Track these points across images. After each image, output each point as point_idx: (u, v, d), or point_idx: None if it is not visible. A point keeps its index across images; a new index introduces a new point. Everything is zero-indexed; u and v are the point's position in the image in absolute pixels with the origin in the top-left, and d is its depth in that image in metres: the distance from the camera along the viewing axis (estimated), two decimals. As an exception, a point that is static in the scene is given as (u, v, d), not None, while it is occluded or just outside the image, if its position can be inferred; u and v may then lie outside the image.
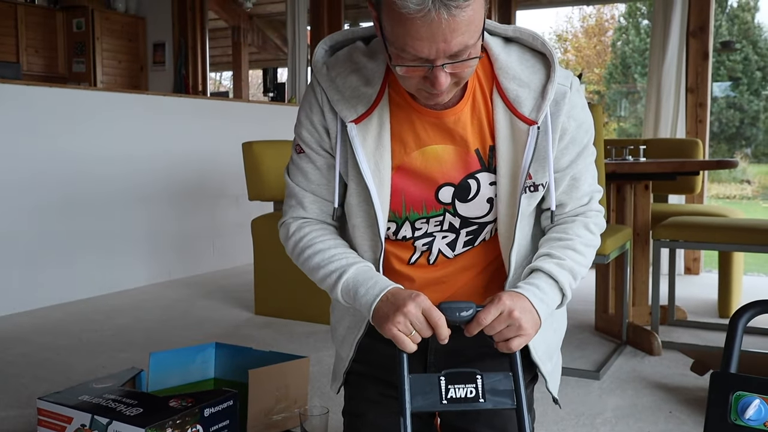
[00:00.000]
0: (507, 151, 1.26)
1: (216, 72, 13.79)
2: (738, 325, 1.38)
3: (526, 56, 1.28)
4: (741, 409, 1.28)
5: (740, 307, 1.40)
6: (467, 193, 1.29)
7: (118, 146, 4.34)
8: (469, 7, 1.05)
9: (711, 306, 3.75)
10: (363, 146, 1.27)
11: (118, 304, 3.95)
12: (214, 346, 2.37)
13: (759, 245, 2.82)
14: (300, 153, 1.36)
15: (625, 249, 2.94)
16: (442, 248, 1.34)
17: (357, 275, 1.27)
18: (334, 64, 1.31)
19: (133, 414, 1.73)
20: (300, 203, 1.37)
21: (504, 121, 1.26)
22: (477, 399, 1.13)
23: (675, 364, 2.77)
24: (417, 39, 1.07)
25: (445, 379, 1.14)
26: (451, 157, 1.28)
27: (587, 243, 1.32)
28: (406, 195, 1.30)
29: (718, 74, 15.32)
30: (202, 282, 4.57)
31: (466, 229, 1.32)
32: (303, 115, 1.35)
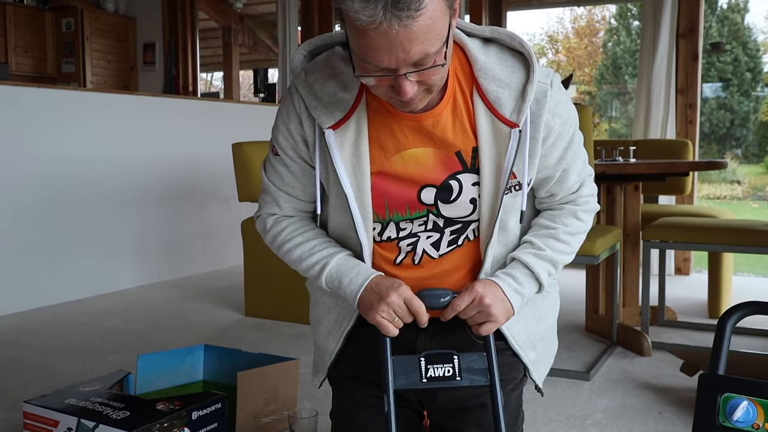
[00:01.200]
0: (490, 153, 1.26)
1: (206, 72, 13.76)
2: (726, 327, 1.38)
3: (505, 56, 1.27)
4: (729, 410, 1.28)
5: (728, 309, 1.40)
6: (449, 194, 1.29)
7: (107, 147, 4.32)
8: (422, 15, 1.04)
9: (701, 306, 3.76)
10: (340, 152, 1.27)
11: (107, 306, 3.92)
12: (202, 348, 2.36)
13: (748, 246, 2.83)
14: (276, 155, 1.37)
15: (615, 250, 2.94)
16: (427, 248, 1.35)
17: (339, 265, 1.32)
18: (313, 70, 1.30)
19: (119, 417, 1.72)
20: (275, 201, 1.40)
21: (486, 122, 1.26)
22: (454, 377, 1.23)
23: (665, 364, 2.77)
24: (375, 50, 1.07)
25: (425, 359, 1.24)
26: (432, 159, 1.28)
27: (572, 231, 1.35)
28: (389, 198, 1.31)
29: (709, 75, 15.40)
30: (191, 284, 4.55)
31: (449, 228, 1.33)
32: (280, 120, 1.35)
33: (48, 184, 3.99)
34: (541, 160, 1.29)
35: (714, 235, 2.91)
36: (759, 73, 16.05)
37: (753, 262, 6.02)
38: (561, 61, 18.59)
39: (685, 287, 4.28)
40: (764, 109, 16.25)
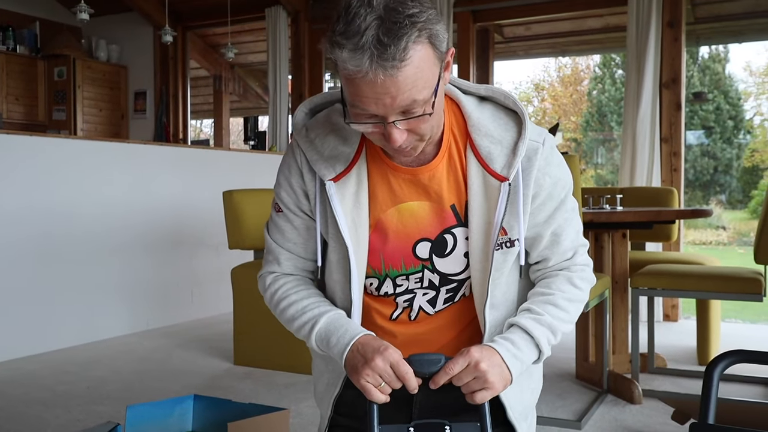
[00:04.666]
0: (479, 207, 1.28)
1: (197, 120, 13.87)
2: (713, 375, 1.40)
3: (499, 114, 1.31)
4: (721, 460, 1.29)
5: (715, 358, 1.41)
6: (444, 248, 1.30)
7: (97, 194, 4.33)
8: (407, 66, 1.08)
9: (690, 353, 3.77)
10: (341, 204, 1.29)
11: (95, 355, 3.88)
12: (192, 399, 2.33)
13: (735, 293, 2.86)
14: (279, 212, 1.40)
15: (604, 297, 2.96)
16: (423, 305, 1.35)
17: (329, 324, 1.30)
18: (313, 126, 1.34)
19: (108, 470, 1.70)
20: (276, 259, 1.41)
21: (477, 176, 1.28)
22: None
23: (656, 412, 2.77)
24: (363, 97, 1.11)
25: (414, 429, 1.17)
26: (427, 213, 1.30)
27: (570, 298, 1.33)
28: (384, 252, 1.32)
29: (692, 123, 15.68)
30: (180, 332, 4.51)
31: (445, 286, 1.34)
32: (282, 177, 1.38)
33: (37, 231, 3.98)
34: (530, 218, 1.30)
35: (701, 282, 2.94)
36: (740, 120, 16.36)
37: (741, 308, 6.05)
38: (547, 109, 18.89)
39: (674, 334, 4.29)
40: (747, 155, 16.51)
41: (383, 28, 1.06)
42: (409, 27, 1.07)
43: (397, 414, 1.36)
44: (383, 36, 1.06)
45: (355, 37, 1.07)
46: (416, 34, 1.08)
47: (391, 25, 1.06)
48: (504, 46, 6.74)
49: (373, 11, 1.07)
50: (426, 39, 1.10)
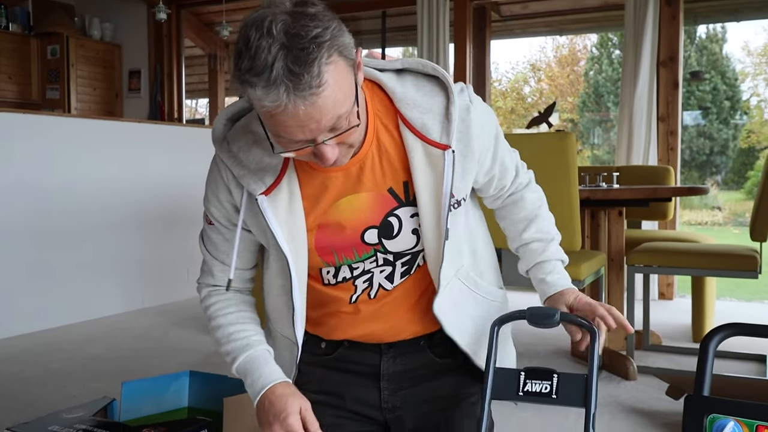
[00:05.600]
0: (425, 180, 1.27)
1: (192, 99, 13.79)
2: (709, 349, 1.39)
3: (420, 83, 1.29)
4: (716, 431, 1.29)
5: (710, 331, 1.41)
6: (391, 230, 1.31)
7: (91, 173, 4.30)
8: (325, 88, 1.05)
9: (685, 330, 3.78)
10: (275, 216, 1.28)
11: (90, 333, 3.88)
12: (188, 375, 2.33)
13: (730, 270, 2.86)
14: (210, 224, 1.40)
15: (600, 274, 2.96)
16: (382, 282, 1.37)
17: (246, 363, 1.36)
18: (234, 138, 1.30)
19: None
20: (209, 271, 1.43)
21: (417, 150, 1.27)
22: (550, 395, 1.25)
23: (650, 388, 2.78)
24: (287, 127, 1.08)
25: (525, 374, 1.25)
26: (366, 202, 1.30)
27: (542, 202, 1.49)
28: (335, 246, 1.32)
29: (689, 104, 15.64)
30: (176, 310, 4.51)
31: (400, 260, 1.35)
32: (210, 192, 1.37)
33: (31, 209, 3.96)
34: (479, 169, 1.34)
35: (697, 259, 2.94)
36: (737, 101, 16.33)
37: (736, 286, 6.08)
38: (543, 90, 18.82)
39: (669, 312, 4.30)
40: (743, 136, 16.50)
41: (291, 57, 1.02)
42: (317, 50, 1.04)
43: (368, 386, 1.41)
44: (293, 65, 1.02)
45: (264, 73, 1.03)
46: (326, 55, 1.05)
47: (299, 53, 1.03)
48: (501, 25, 6.68)
49: (275, 41, 1.03)
50: (336, 54, 1.07)
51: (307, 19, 1.05)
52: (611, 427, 2.38)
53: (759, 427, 1.26)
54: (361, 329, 1.39)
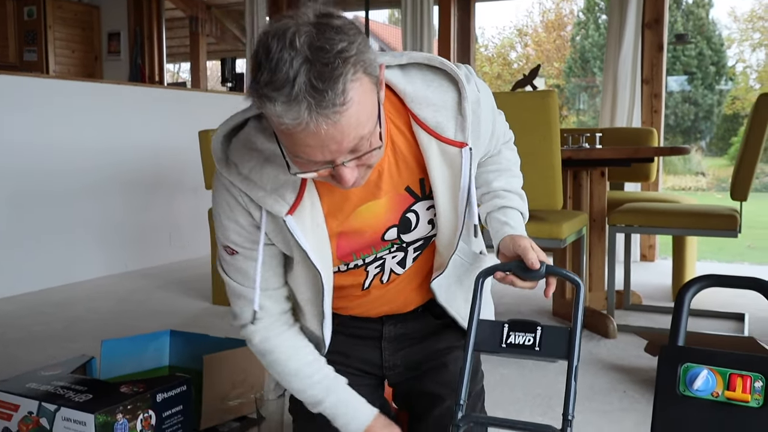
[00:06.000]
0: (442, 177, 1.27)
1: (173, 63, 13.59)
2: (685, 300, 1.40)
3: (428, 77, 1.26)
4: (689, 380, 1.30)
5: (687, 282, 1.41)
6: (408, 226, 1.32)
7: (72, 136, 4.25)
8: (349, 107, 0.99)
9: (666, 291, 3.82)
10: (304, 233, 1.25)
11: (72, 296, 3.86)
12: (168, 334, 2.33)
13: (711, 229, 2.88)
14: (233, 254, 1.31)
15: (582, 234, 2.97)
16: (393, 267, 1.38)
17: (332, 408, 1.36)
18: (241, 158, 1.23)
19: (82, 400, 1.69)
20: (251, 302, 1.33)
21: (432, 149, 1.25)
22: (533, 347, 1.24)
23: (630, 346, 2.81)
24: (307, 147, 1.02)
25: (509, 326, 1.24)
26: (385, 206, 1.29)
27: (517, 161, 1.50)
28: (354, 249, 1.33)
29: (674, 69, 15.63)
30: (158, 273, 4.50)
31: (413, 245, 1.36)
32: (224, 219, 1.28)
33: (10, 172, 3.91)
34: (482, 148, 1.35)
35: (678, 219, 2.95)
36: (723, 66, 16.33)
37: (717, 248, 6.14)
38: (530, 55, 18.73)
39: (650, 273, 4.34)
40: (728, 102, 16.54)
41: (314, 72, 0.96)
42: (342, 65, 0.97)
43: (369, 345, 1.48)
44: (317, 81, 0.96)
45: (285, 87, 0.96)
46: (351, 71, 0.99)
47: (323, 68, 0.96)
48: (486, -14, 6.60)
49: (298, 54, 0.96)
50: (361, 71, 1.01)
51: (332, 31, 0.98)
52: (591, 384, 2.41)
53: (732, 375, 1.27)
54: (368, 309, 1.44)
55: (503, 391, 2.32)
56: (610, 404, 2.23)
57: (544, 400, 2.26)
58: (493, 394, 2.27)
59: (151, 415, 1.75)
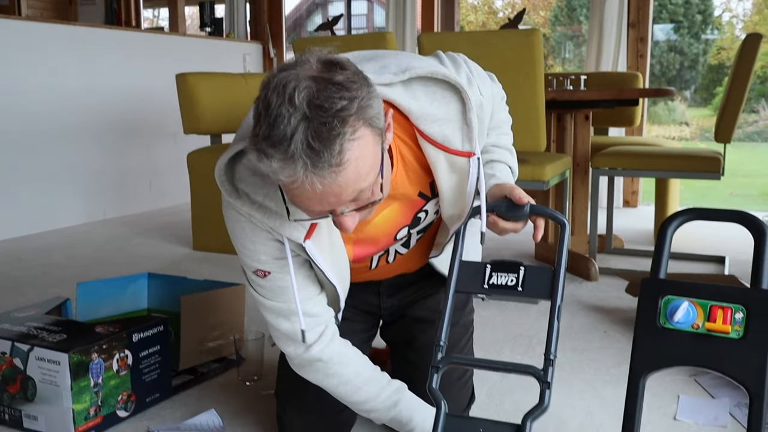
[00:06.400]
0: (449, 184, 1.29)
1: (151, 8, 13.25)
2: (667, 233, 1.38)
3: (431, 89, 1.23)
4: (670, 312, 1.29)
5: (670, 215, 1.39)
6: (418, 223, 1.39)
7: (48, 80, 4.13)
8: (346, 167, 0.97)
9: (647, 236, 3.83)
10: (322, 255, 1.26)
11: (50, 243, 3.81)
12: (146, 277, 2.30)
13: (693, 171, 2.86)
14: (266, 276, 1.29)
15: (565, 177, 2.94)
16: (398, 249, 1.45)
17: (410, 408, 1.40)
18: (252, 187, 1.20)
19: (56, 340, 1.66)
20: (306, 314, 1.32)
21: (440, 161, 1.26)
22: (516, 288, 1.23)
23: (611, 288, 2.81)
24: (305, 199, 1.01)
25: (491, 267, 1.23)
26: (398, 210, 1.34)
27: (509, 121, 1.51)
28: (370, 253, 1.40)
29: (660, 17, 15.46)
30: (138, 221, 4.44)
31: (416, 228, 1.41)
32: (247, 242, 1.26)
33: (-18, 117, 3.81)
34: None
35: (661, 161, 2.93)
36: (709, 15, 16.18)
37: (699, 195, 6.16)
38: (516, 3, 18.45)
39: (633, 219, 4.34)
40: (713, 52, 16.45)
41: (311, 131, 0.93)
42: (340, 126, 0.95)
43: (367, 290, 1.57)
44: (313, 141, 0.93)
45: (282, 144, 0.94)
46: (350, 131, 0.96)
47: (320, 127, 0.94)
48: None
49: (296, 111, 0.93)
50: (363, 127, 0.98)
51: (333, 89, 0.95)
52: (571, 324, 2.41)
53: (712, 307, 1.26)
54: (372, 277, 1.53)
55: (484, 333, 2.32)
56: (590, 343, 2.23)
57: (525, 341, 2.27)
58: (474, 336, 2.27)
59: (127, 355, 1.73)
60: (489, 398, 1.83)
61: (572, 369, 2.02)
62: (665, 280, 1.34)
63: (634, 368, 1.29)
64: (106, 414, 1.69)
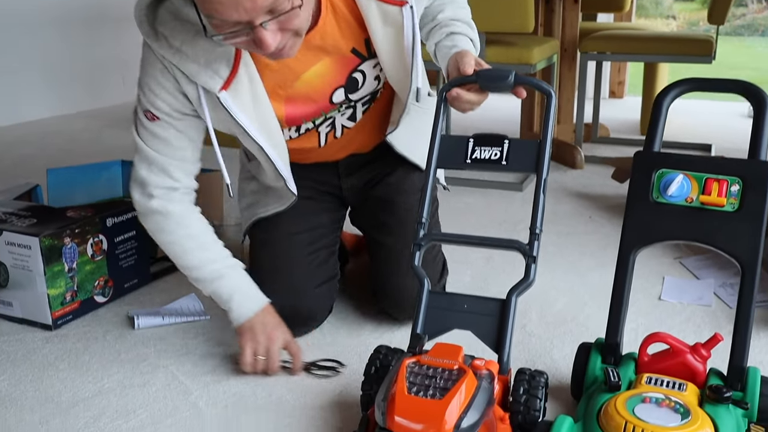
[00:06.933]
0: (385, 38, 1.26)
1: None
2: (663, 105, 1.32)
3: None
4: (663, 186, 1.24)
5: (666, 86, 1.33)
6: (356, 85, 1.35)
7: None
8: None
9: (634, 126, 3.76)
10: (242, 109, 1.22)
11: (20, 135, 3.69)
12: (119, 164, 2.22)
13: (684, 55, 2.77)
14: (154, 120, 1.27)
15: (552, 62, 2.85)
16: (344, 123, 1.42)
17: (232, 287, 1.37)
18: (172, 31, 1.18)
19: (26, 224, 1.60)
20: (164, 170, 1.32)
21: (372, 10, 1.24)
22: (500, 161, 1.19)
23: (597, 175, 2.78)
24: (219, 4, 0.98)
25: (474, 140, 1.20)
26: (331, 68, 1.29)
27: None
28: (304, 114, 1.35)
29: None
30: (111, 114, 4.30)
31: (361, 101, 1.40)
32: (153, 83, 1.24)
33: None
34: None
35: (651, 45, 2.84)
36: None
37: (684, 89, 6.06)
38: None
39: (619, 109, 4.27)
40: (704, -58, 15.95)
41: None
42: None
43: (326, 172, 1.56)
44: None
45: None
46: None
47: None
48: None
49: None
50: None
51: None
52: (555, 210, 2.38)
53: (708, 180, 1.22)
54: (326, 157, 1.51)
55: (468, 219, 2.29)
56: (575, 228, 2.21)
57: (510, 226, 2.24)
58: (459, 220, 2.24)
59: (101, 240, 1.68)
60: (473, 281, 1.81)
61: (557, 252, 2.00)
62: (659, 152, 1.28)
63: (625, 243, 1.26)
64: (84, 299, 1.65)
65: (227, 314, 1.39)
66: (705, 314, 1.63)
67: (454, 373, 1.01)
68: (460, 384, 0.98)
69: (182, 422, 1.24)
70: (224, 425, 1.23)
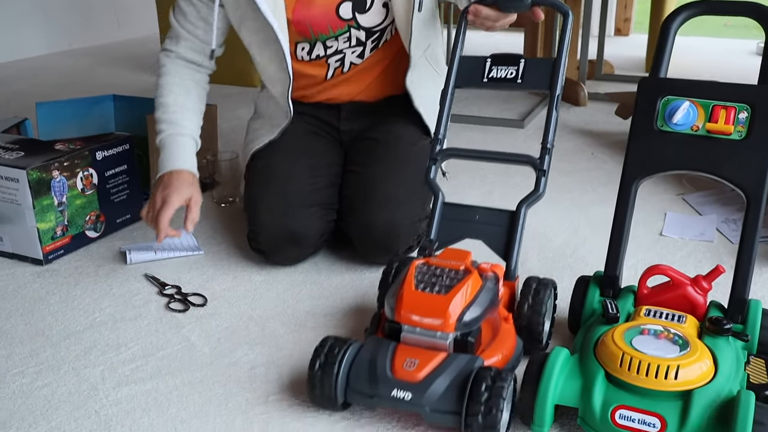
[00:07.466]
0: None
1: None
2: (670, 30, 1.26)
3: None
4: (668, 114, 1.20)
5: (673, 11, 1.27)
6: (363, 4, 1.42)
7: None
8: None
9: (639, 63, 3.68)
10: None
11: (13, 72, 3.62)
12: (111, 99, 2.16)
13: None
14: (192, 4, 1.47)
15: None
16: (353, 60, 1.51)
17: (171, 140, 1.49)
18: None
19: (13, 157, 1.56)
20: (175, 37, 1.52)
21: None
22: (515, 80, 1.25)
23: (600, 113, 2.72)
24: None
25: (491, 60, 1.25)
26: None
27: None
28: (310, 21, 1.43)
29: None
30: (104, 52, 4.21)
31: (370, 38, 1.47)
32: None
33: None
34: None
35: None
36: None
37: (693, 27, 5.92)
38: None
39: (624, 47, 4.17)
40: None
41: None
42: None
43: (329, 114, 1.62)
44: None
45: None
46: None
47: None
48: None
49: None
50: None
51: None
52: (557, 147, 2.32)
53: (715, 107, 1.17)
54: (331, 96, 1.58)
55: (468, 155, 2.24)
56: (577, 164, 2.17)
57: (509, 162, 2.19)
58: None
59: (92, 174, 1.64)
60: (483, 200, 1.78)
61: (558, 189, 1.96)
62: (665, 78, 1.23)
63: (627, 172, 1.22)
64: (75, 234, 1.63)
65: None
66: (707, 250, 1.60)
67: (459, 273, 1.06)
68: (465, 282, 1.03)
69: (174, 355, 1.22)
70: (217, 358, 1.21)
